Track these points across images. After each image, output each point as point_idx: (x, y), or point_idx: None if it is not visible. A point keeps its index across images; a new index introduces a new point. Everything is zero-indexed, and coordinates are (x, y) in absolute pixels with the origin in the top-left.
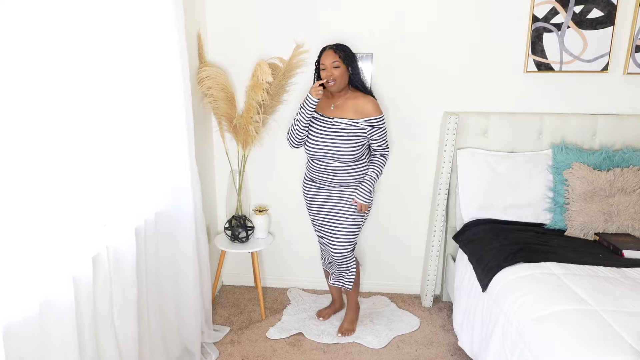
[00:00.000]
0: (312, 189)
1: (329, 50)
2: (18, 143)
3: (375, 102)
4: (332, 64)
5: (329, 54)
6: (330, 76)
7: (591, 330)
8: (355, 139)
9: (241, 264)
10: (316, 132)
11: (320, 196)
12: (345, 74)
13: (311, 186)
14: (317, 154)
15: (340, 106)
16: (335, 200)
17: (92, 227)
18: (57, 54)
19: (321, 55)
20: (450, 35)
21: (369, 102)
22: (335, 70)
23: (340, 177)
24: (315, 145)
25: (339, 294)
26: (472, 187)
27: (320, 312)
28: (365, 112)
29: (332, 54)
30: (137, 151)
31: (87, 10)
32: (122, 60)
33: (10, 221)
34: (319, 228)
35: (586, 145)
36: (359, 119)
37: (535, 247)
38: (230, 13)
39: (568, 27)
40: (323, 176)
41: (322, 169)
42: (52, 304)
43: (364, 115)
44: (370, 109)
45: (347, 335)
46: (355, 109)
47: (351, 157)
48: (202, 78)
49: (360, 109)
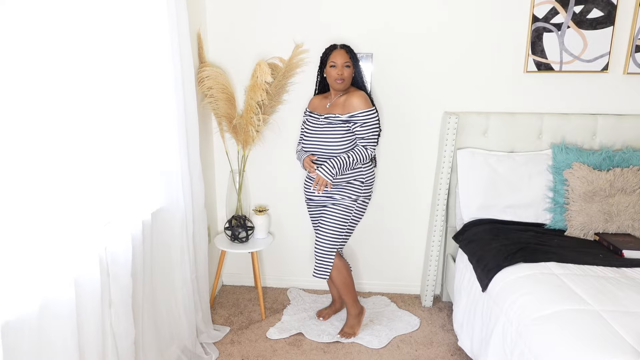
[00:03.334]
0: (308, 185)
1: (341, 50)
2: (17, 144)
3: (364, 97)
4: (343, 63)
5: (340, 53)
6: (340, 75)
7: (591, 330)
8: (342, 135)
9: (241, 264)
10: (309, 129)
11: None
12: (351, 75)
13: (309, 183)
14: (311, 151)
15: (334, 103)
16: (328, 199)
17: (91, 228)
18: (56, 54)
19: (330, 53)
20: (450, 35)
21: (356, 97)
22: (345, 70)
23: None
24: (308, 143)
25: (339, 294)
26: (472, 187)
27: (320, 312)
28: (350, 106)
29: (344, 53)
30: (133, 151)
31: (87, 10)
32: (121, 61)
33: (10, 221)
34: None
35: (586, 145)
36: (344, 114)
37: (535, 247)
38: (230, 13)
39: (568, 27)
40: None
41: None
42: (52, 304)
43: (349, 110)
44: (356, 103)
45: (347, 337)
46: (344, 105)
47: (341, 152)
48: (202, 78)
49: (348, 103)
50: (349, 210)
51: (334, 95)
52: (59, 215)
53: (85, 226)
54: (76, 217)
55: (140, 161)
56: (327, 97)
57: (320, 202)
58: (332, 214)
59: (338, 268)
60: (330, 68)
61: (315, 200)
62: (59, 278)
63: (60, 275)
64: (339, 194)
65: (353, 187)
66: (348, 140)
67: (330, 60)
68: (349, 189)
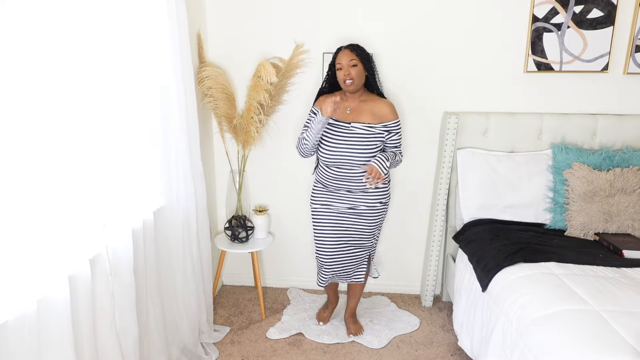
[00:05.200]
0: (326, 198)
1: (345, 50)
2: (17, 143)
3: (392, 106)
4: (349, 62)
5: (345, 53)
6: (348, 75)
7: (591, 330)
8: (373, 144)
9: (241, 264)
10: (332, 138)
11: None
12: (362, 74)
13: (325, 196)
14: (334, 161)
15: (356, 109)
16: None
17: (92, 228)
18: (57, 54)
19: (336, 55)
20: (450, 35)
21: (386, 106)
22: (352, 70)
23: (360, 183)
24: (332, 152)
25: (334, 290)
26: (472, 187)
27: (319, 315)
28: (382, 116)
29: (348, 52)
30: (135, 150)
31: (88, 10)
32: (120, 60)
33: (10, 222)
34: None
35: (586, 145)
36: (377, 123)
37: (535, 247)
38: (231, 13)
39: (568, 27)
40: (341, 184)
41: (341, 176)
42: (49, 302)
43: (382, 119)
44: (387, 113)
45: (361, 334)
46: (373, 113)
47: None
48: (202, 78)
49: (378, 113)
50: (382, 214)
51: (351, 100)
52: (59, 216)
53: (86, 225)
54: (77, 216)
55: (140, 160)
56: (343, 100)
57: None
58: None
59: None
60: (338, 71)
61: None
62: (56, 277)
63: (57, 274)
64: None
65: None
66: (377, 149)
67: (337, 63)
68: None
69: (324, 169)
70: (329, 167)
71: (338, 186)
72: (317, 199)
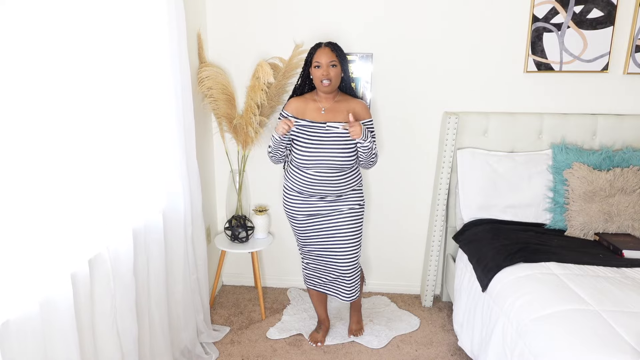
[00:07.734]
0: (301, 204)
1: (325, 48)
2: (18, 144)
3: (366, 105)
4: (329, 62)
5: (325, 52)
6: (326, 76)
7: (591, 330)
8: (351, 143)
9: (241, 264)
10: (307, 138)
11: (314, 210)
12: (339, 75)
13: (299, 200)
14: (310, 163)
15: (331, 109)
16: (333, 212)
17: (92, 228)
18: (58, 55)
19: (314, 52)
20: (450, 35)
21: (360, 105)
22: (331, 70)
23: (337, 186)
24: (308, 154)
25: (324, 308)
26: (472, 187)
27: (313, 337)
28: (357, 115)
29: (329, 52)
30: (135, 152)
31: (88, 11)
32: (120, 61)
33: (10, 222)
34: (316, 246)
35: (586, 145)
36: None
37: (535, 247)
38: (231, 13)
39: (568, 27)
40: (317, 188)
41: (317, 179)
42: (52, 302)
43: (357, 118)
44: (363, 112)
45: (361, 334)
46: (349, 112)
47: (348, 162)
48: (202, 78)
49: (353, 111)
50: (361, 218)
51: (325, 100)
52: (60, 216)
53: (88, 225)
54: (78, 217)
55: (140, 161)
56: (315, 101)
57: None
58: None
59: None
60: (314, 69)
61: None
62: (58, 277)
63: (62, 272)
64: (347, 204)
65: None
66: (354, 150)
67: (315, 61)
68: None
69: (298, 173)
70: (305, 169)
71: (312, 192)
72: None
